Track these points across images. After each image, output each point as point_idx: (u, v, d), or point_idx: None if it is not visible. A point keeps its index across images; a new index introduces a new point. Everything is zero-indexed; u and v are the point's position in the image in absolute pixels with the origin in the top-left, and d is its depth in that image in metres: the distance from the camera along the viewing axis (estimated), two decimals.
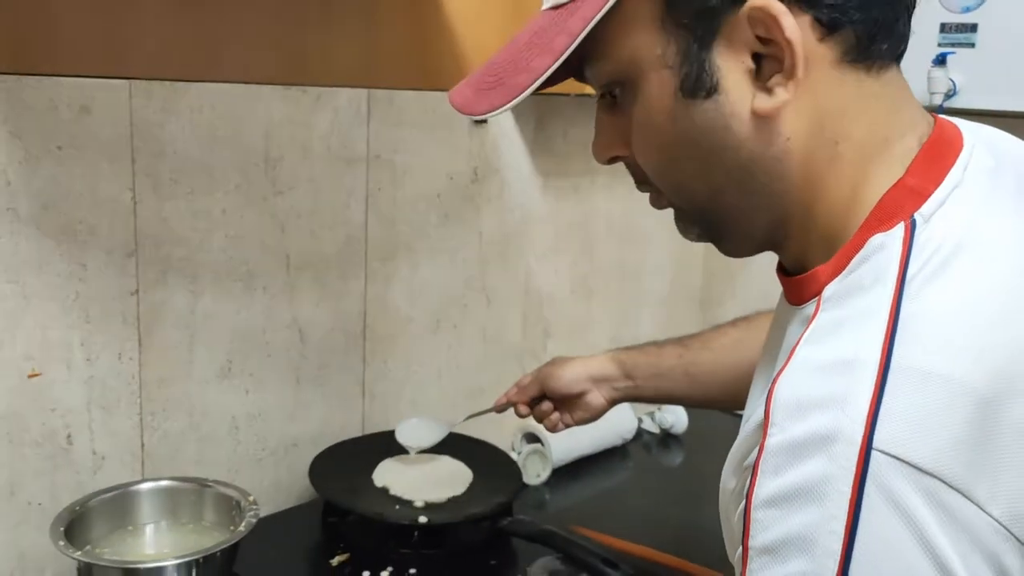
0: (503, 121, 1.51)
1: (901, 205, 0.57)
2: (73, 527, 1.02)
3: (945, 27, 1.46)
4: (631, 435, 1.66)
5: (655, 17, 0.60)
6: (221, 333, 1.23)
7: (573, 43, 0.60)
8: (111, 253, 1.11)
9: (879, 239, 0.56)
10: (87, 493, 1.09)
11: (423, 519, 1.22)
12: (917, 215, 0.56)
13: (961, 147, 0.60)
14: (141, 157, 1.11)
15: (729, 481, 0.63)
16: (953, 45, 1.45)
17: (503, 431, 1.51)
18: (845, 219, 0.59)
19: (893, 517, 0.48)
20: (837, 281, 0.57)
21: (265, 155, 1.23)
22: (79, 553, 0.98)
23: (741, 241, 0.67)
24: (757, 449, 0.53)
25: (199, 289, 1.19)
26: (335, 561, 1.18)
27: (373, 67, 1.33)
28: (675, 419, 1.72)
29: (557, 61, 0.61)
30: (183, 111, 1.14)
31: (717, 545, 0.67)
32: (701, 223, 0.68)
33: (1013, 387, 0.50)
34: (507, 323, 1.61)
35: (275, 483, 1.33)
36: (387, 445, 1.32)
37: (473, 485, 1.32)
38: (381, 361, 1.43)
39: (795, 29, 0.56)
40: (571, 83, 0.67)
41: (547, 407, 1.17)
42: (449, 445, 1.30)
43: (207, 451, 1.24)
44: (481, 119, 0.72)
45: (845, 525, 0.49)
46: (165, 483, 1.14)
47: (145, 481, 1.14)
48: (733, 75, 0.59)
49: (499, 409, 1.21)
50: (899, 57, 0.62)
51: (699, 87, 0.60)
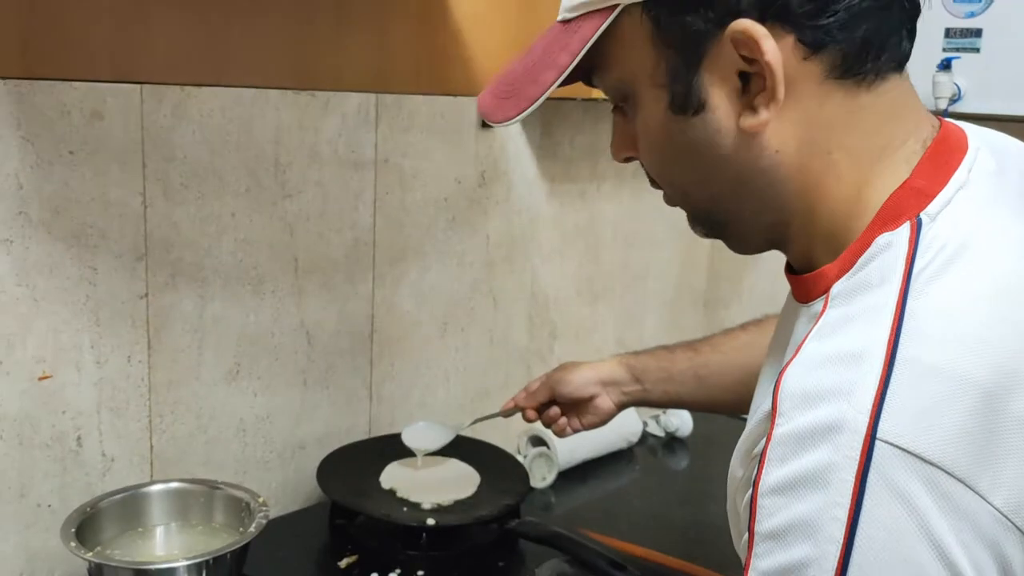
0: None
1: (907, 205, 0.58)
2: (84, 528, 1.03)
3: (950, 32, 1.47)
4: (636, 438, 1.67)
5: (647, 38, 0.63)
6: (229, 336, 1.24)
7: (573, 62, 0.65)
8: (121, 257, 1.11)
9: (886, 238, 0.57)
10: (96, 495, 1.10)
11: (431, 521, 1.22)
12: (923, 215, 0.57)
13: (966, 149, 0.61)
14: (151, 161, 1.12)
15: (737, 470, 0.65)
16: (958, 50, 1.46)
17: (508, 434, 1.51)
18: (849, 220, 0.61)
19: (895, 505, 0.49)
20: (844, 279, 0.58)
21: (274, 159, 1.24)
22: (90, 554, 0.99)
23: (744, 241, 0.70)
24: (764, 439, 0.55)
25: (208, 292, 1.20)
26: (343, 563, 1.19)
27: (382, 72, 1.34)
28: (680, 422, 1.72)
29: (560, 77, 0.65)
30: (193, 116, 1.15)
31: (722, 547, 0.68)
32: (705, 223, 0.70)
33: (1016, 381, 0.51)
34: (514, 326, 1.62)
35: (282, 485, 1.34)
36: (394, 447, 1.32)
37: (481, 487, 1.33)
38: (388, 363, 1.44)
39: (775, 52, 0.58)
40: (578, 87, 0.69)
41: (555, 412, 1.18)
42: (456, 448, 1.31)
43: (215, 453, 1.25)
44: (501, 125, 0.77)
45: (848, 512, 0.50)
46: (176, 485, 1.14)
47: (156, 483, 1.15)
48: (720, 94, 0.61)
49: (506, 414, 1.21)
50: (901, 65, 0.62)
51: (688, 105, 0.62)
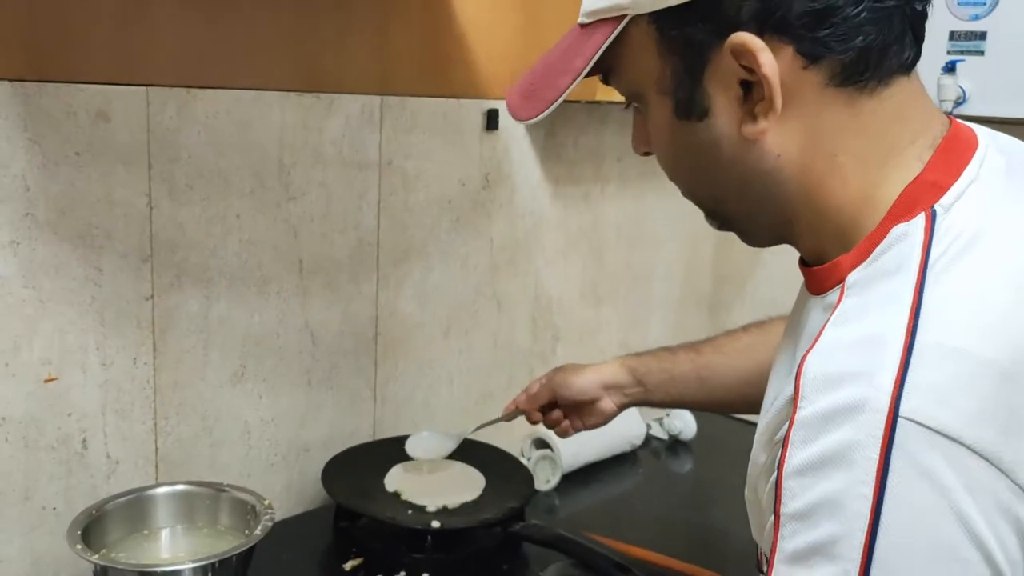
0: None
1: (921, 198, 0.59)
2: (89, 531, 1.02)
3: (954, 35, 1.47)
4: (640, 441, 1.66)
5: (653, 47, 0.65)
6: (234, 337, 1.23)
7: (587, 66, 0.67)
8: (126, 258, 1.11)
9: (901, 228, 0.58)
10: (101, 498, 1.09)
11: (436, 524, 1.22)
12: (937, 206, 0.58)
13: (977, 146, 0.63)
14: (157, 163, 1.12)
15: (759, 456, 0.65)
16: (962, 53, 1.46)
17: (512, 437, 1.51)
18: (858, 217, 0.62)
19: (920, 481, 0.50)
20: (860, 269, 0.60)
21: (279, 161, 1.24)
22: (96, 557, 0.98)
23: (753, 236, 0.72)
24: (787, 423, 0.55)
25: (213, 294, 1.20)
26: (348, 566, 1.19)
27: (386, 74, 1.34)
28: (683, 425, 1.72)
29: (575, 82, 0.67)
30: (198, 117, 1.15)
31: (725, 550, 0.68)
32: (716, 218, 0.73)
33: None
34: (517, 328, 1.62)
35: (287, 488, 1.34)
36: (398, 450, 1.32)
37: (485, 490, 1.33)
38: (392, 365, 1.44)
39: (772, 65, 0.59)
40: (583, 90, 0.70)
41: (558, 415, 1.18)
42: (461, 451, 1.30)
43: (220, 456, 1.25)
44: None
45: (873, 489, 0.50)
46: (181, 487, 1.14)
47: (161, 485, 1.14)
48: (723, 101, 0.63)
49: (509, 418, 1.21)
50: (908, 67, 0.63)
51: (691, 111, 0.65)
